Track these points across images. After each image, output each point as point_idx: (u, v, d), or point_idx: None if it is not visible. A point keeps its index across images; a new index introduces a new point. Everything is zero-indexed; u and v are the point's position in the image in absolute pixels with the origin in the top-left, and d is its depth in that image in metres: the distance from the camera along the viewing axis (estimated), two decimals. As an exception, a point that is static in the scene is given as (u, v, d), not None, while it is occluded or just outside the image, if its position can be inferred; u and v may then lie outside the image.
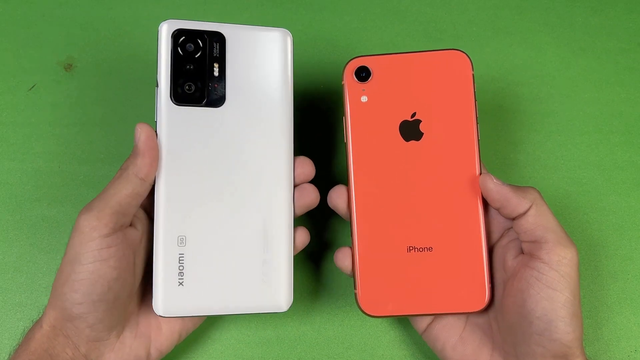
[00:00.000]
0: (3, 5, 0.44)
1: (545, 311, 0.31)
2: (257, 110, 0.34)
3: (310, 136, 0.43)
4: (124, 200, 0.32)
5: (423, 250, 0.35)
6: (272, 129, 0.35)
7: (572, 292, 0.31)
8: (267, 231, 0.34)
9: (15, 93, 0.42)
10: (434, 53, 0.35)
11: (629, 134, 0.44)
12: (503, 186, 0.33)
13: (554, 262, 0.31)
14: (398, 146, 0.35)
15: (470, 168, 0.35)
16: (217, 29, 0.34)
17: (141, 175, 0.32)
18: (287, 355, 0.40)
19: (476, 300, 0.34)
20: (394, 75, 0.35)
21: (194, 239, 0.33)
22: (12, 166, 0.42)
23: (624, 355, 0.40)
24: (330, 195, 0.36)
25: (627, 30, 0.45)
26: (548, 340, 0.31)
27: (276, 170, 0.35)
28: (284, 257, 0.35)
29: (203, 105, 0.34)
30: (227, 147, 0.34)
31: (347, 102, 0.35)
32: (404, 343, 0.41)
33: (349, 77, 0.36)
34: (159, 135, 0.33)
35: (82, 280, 0.31)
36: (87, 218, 0.31)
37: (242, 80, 0.34)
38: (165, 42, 0.33)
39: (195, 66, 0.34)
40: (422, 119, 0.35)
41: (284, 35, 0.35)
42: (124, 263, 0.32)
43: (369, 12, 0.45)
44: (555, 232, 0.32)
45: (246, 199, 0.34)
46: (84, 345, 0.32)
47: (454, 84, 0.35)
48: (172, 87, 0.33)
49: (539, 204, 0.32)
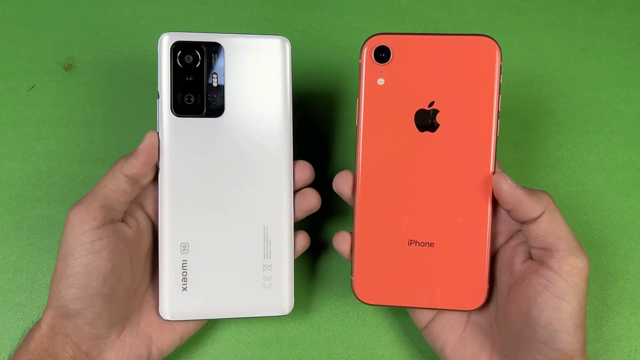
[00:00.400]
0: (3, 5, 0.44)
1: (550, 320, 0.30)
2: (256, 119, 0.35)
3: (310, 137, 0.43)
4: (109, 195, 0.33)
5: (424, 245, 0.34)
6: (271, 137, 0.35)
7: (579, 302, 0.30)
8: (268, 237, 0.35)
9: (15, 93, 0.43)
10: (461, 38, 0.33)
11: (629, 134, 0.44)
12: (517, 189, 0.32)
13: (565, 272, 0.30)
14: (411, 136, 0.34)
15: (484, 166, 0.33)
16: (215, 39, 0.34)
17: (126, 173, 0.33)
18: (287, 355, 0.40)
19: (473, 299, 0.34)
20: (414, 58, 0.33)
21: (197, 246, 0.35)
22: (12, 166, 0.42)
23: (624, 355, 0.40)
24: (336, 180, 0.35)
25: (627, 30, 0.45)
26: (551, 349, 0.30)
27: (276, 178, 0.35)
28: (285, 262, 0.36)
29: (203, 116, 0.34)
30: (227, 156, 0.35)
31: (363, 83, 0.33)
32: (404, 343, 0.41)
33: (367, 56, 0.33)
34: (161, 146, 0.34)
35: (77, 274, 0.31)
36: (76, 212, 0.32)
37: (241, 89, 0.35)
38: (166, 55, 0.34)
39: (194, 77, 0.34)
40: (440, 109, 0.33)
41: (282, 42, 0.35)
42: (118, 256, 0.32)
43: (369, 12, 0.45)
44: (567, 240, 0.31)
45: (247, 206, 0.35)
46: (85, 343, 0.32)
47: (478, 74, 0.33)
48: (172, 98, 0.34)
49: (552, 210, 0.32)
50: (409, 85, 0.33)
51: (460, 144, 0.33)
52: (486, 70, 0.33)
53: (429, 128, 0.33)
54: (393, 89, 0.33)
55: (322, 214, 0.41)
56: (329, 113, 0.44)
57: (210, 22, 0.44)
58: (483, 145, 0.33)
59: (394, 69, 0.33)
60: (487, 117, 0.33)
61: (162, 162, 0.34)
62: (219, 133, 0.35)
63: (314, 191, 0.36)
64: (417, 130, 0.34)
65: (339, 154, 0.43)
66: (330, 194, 0.37)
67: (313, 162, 0.37)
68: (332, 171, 0.43)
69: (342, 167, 0.43)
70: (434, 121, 0.33)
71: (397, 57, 0.33)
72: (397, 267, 0.34)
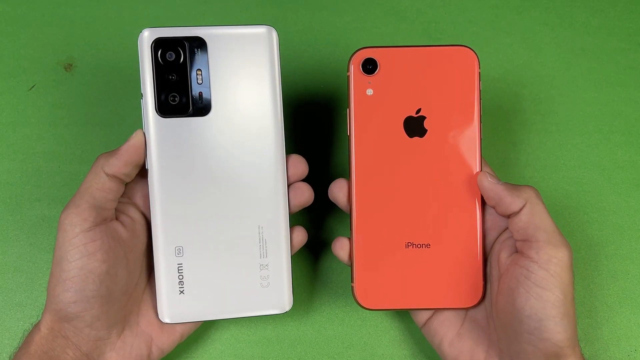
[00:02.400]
0: (3, 5, 0.44)
1: (534, 310, 0.31)
2: (245, 115, 0.34)
3: (310, 136, 0.43)
4: (97, 194, 0.32)
5: (421, 246, 0.35)
6: (262, 133, 0.34)
7: (562, 291, 0.31)
8: (263, 236, 0.35)
9: (15, 93, 0.43)
10: (442, 48, 0.35)
11: (629, 134, 0.44)
12: (497, 185, 0.33)
13: (543, 261, 0.31)
14: (401, 142, 0.35)
15: (471, 166, 0.35)
16: (196, 33, 0.33)
17: (107, 172, 0.32)
18: (287, 355, 0.40)
19: (471, 297, 0.35)
20: (400, 69, 0.35)
21: (191, 248, 0.34)
22: (12, 166, 0.42)
23: (623, 355, 0.40)
24: (331, 188, 0.35)
25: (627, 30, 0.45)
26: (538, 339, 0.31)
27: (269, 174, 0.34)
28: (282, 259, 0.35)
29: (189, 115, 0.33)
30: (217, 155, 0.34)
31: (352, 94, 0.35)
32: (404, 342, 0.41)
33: (355, 68, 0.35)
34: (148, 148, 0.33)
35: (72, 278, 0.31)
36: (67, 215, 0.32)
37: (227, 84, 0.33)
38: (147, 53, 0.32)
39: (177, 75, 0.33)
40: (427, 116, 0.35)
41: (268, 32, 0.33)
42: (112, 256, 0.32)
43: (369, 12, 0.45)
44: (546, 231, 0.32)
45: (240, 206, 0.34)
46: (85, 344, 0.32)
47: (460, 81, 0.35)
48: (156, 99, 0.33)
49: (533, 203, 0.32)
50: (397, 94, 0.35)
51: (448, 147, 0.35)
52: (467, 78, 0.35)
53: (418, 134, 0.35)
54: (381, 98, 0.35)
55: (321, 212, 0.41)
56: (329, 112, 0.44)
57: (210, 22, 0.44)
58: (469, 147, 0.35)
59: (382, 80, 0.35)
60: (471, 120, 0.35)
61: (151, 165, 0.33)
62: (207, 132, 0.33)
63: (307, 185, 0.35)
64: (406, 137, 0.35)
65: (339, 152, 0.43)
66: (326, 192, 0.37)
67: (313, 161, 0.37)
68: (332, 170, 0.43)
69: (342, 166, 0.43)
70: (422, 127, 0.35)
71: (384, 68, 0.35)
72: (397, 270, 0.35)
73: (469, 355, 0.34)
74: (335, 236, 0.36)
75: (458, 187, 0.35)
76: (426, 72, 0.35)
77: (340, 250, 0.35)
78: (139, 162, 0.33)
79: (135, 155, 0.33)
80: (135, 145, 0.33)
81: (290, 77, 0.44)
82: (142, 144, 0.33)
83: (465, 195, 0.35)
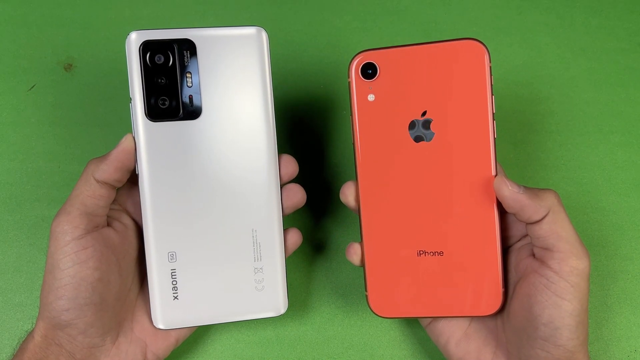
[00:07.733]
0: (3, 5, 0.44)
1: (551, 318, 0.30)
2: (236, 118, 0.33)
3: (310, 137, 0.43)
4: (87, 201, 0.32)
5: (434, 254, 0.34)
6: (253, 134, 0.34)
7: (580, 301, 0.31)
8: (257, 240, 0.34)
9: (15, 93, 0.43)
10: (446, 44, 0.32)
11: (629, 134, 0.44)
12: (519, 194, 0.31)
13: (565, 273, 0.30)
14: (408, 148, 0.33)
15: (485, 170, 0.33)
16: (185, 35, 0.32)
17: (97, 178, 0.32)
18: (287, 355, 0.40)
19: (488, 305, 0.34)
20: (402, 71, 0.33)
21: (184, 254, 0.34)
22: (12, 166, 0.42)
23: (623, 355, 0.40)
24: (342, 191, 0.35)
25: (627, 30, 0.45)
26: (553, 345, 0.31)
27: (261, 177, 0.34)
28: (276, 262, 0.35)
29: (180, 119, 0.33)
30: (209, 159, 0.33)
31: (354, 101, 0.33)
32: (405, 343, 0.40)
33: (355, 74, 0.33)
34: (139, 153, 0.33)
35: (65, 286, 0.31)
36: (58, 223, 0.31)
37: (217, 86, 0.33)
38: (135, 56, 0.32)
39: (166, 79, 0.32)
40: (433, 118, 0.33)
41: (258, 33, 0.33)
42: (105, 264, 0.32)
43: (369, 12, 0.45)
44: (568, 241, 0.31)
45: (233, 210, 0.34)
46: (79, 352, 0.32)
47: (468, 77, 0.32)
48: (145, 103, 0.32)
49: (555, 211, 0.31)
50: (399, 97, 0.33)
51: (458, 150, 0.33)
52: (476, 73, 0.32)
53: (425, 138, 0.33)
54: (384, 103, 0.33)
55: (320, 213, 0.41)
56: (329, 113, 0.44)
57: (210, 22, 0.44)
58: (482, 149, 0.33)
59: (383, 84, 0.33)
60: (483, 120, 0.32)
61: (142, 171, 0.33)
62: (198, 136, 0.33)
63: (299, 187, 0.35)
64: (413, 142, 0.33)
65: (339, 153, 0.43)
66: (328, 192, 0.37)
67: (312, 162, 0.37)
68: (331, 171, 0.43)
69: (342, 168, 0.43)
70: (428, 130, 0.33)
71: (384, 71, 0.33)
72: (410, 279, 0.34)
73: (476, 356, 0.34)
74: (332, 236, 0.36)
75: (471, 192, 0.33)
76: (429, 71, 0.33)
77: (353, 255, 0.35)
78: (130, 167, 0.33)
79: (126, 161, 0.32)
80: (125, 151, 0.32)
81: (289, 77, 0.44)
82: (132, 148, 0.32)
83: (480, 200, 0.33)
